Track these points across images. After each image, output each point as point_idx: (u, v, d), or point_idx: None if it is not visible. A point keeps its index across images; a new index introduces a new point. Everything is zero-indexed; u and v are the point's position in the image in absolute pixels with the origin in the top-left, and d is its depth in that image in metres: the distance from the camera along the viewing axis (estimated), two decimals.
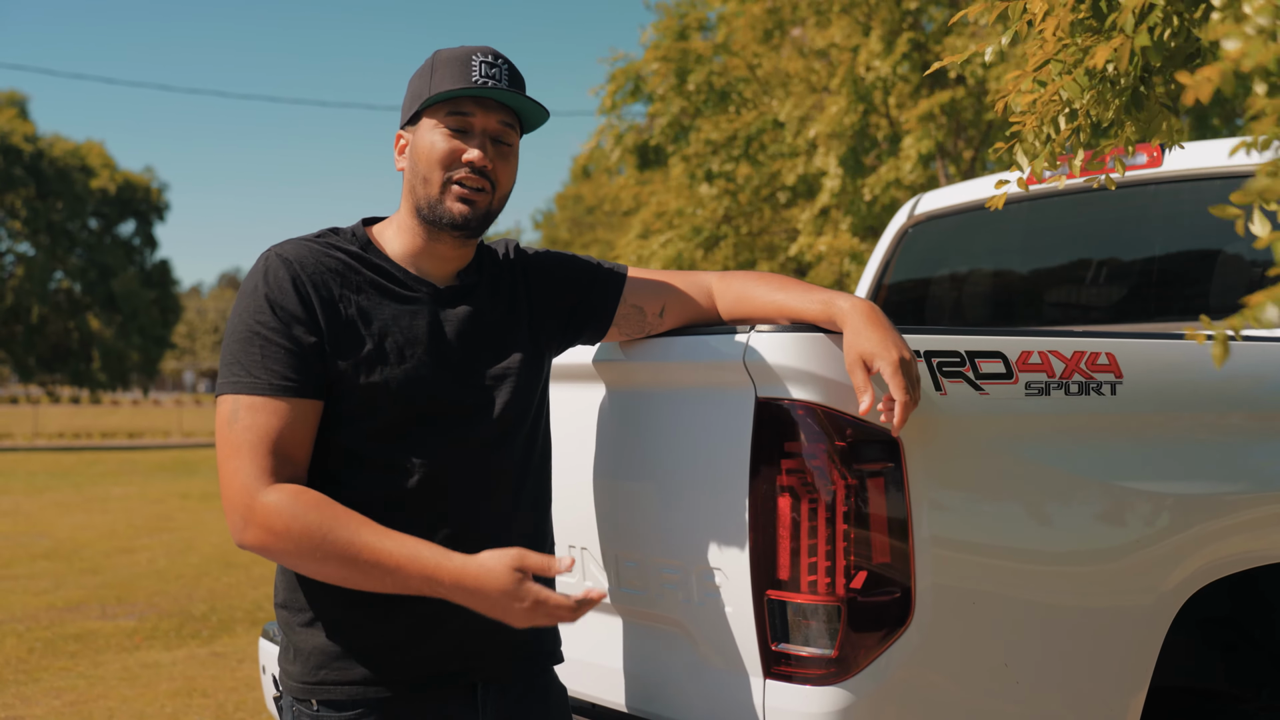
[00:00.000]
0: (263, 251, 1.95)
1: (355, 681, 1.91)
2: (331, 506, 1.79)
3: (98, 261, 39.41)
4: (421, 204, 1.97)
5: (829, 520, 1.88)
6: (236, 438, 1.82)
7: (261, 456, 1.81)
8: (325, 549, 1.76)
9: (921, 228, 4.10)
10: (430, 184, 1.95)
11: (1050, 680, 2.07)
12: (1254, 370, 2.42)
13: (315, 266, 1.92)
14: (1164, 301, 3.48)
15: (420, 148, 1.97)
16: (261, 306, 1.88)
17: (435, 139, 1.95)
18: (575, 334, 2.15)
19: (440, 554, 1.76)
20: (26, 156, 35.93)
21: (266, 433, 1.82)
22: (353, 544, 1.76)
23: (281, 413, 1.83)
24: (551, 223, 37.07)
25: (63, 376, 41.88)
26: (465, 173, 1.94)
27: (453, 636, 1.93)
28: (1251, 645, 2.55)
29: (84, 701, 5.38)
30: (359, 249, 1.98)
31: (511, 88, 1.96)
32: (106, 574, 8.98)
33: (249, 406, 1.83)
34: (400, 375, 1.91)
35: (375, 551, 1.75)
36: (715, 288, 2.16)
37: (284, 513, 1.77)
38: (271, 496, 1.79)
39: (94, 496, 15.23)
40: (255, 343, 1.86)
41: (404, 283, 1.98)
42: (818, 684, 1.89)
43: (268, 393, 1.83)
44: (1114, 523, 2.13)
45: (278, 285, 1.89)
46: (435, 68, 1.97)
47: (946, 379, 1.97)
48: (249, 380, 1.84)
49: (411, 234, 2.00)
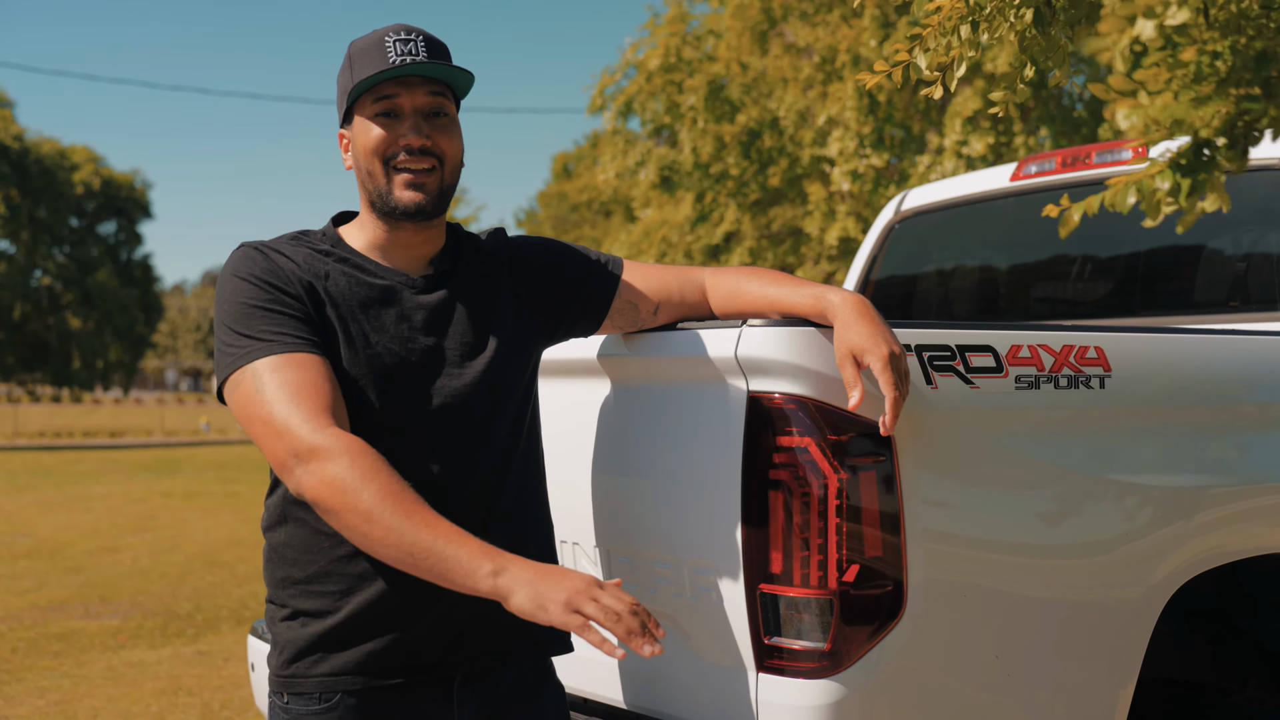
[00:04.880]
0: (234, 249, 1.94)
1: (325, 674, 1.89)
2: (392, 470, 1.73)
3: (78, 259, 39.19)
4: (374, 198, 1.95)
5: (821, 514, 1.89)
6: (272, 396, 1.75)
7: (306, 402, 1.74)
8: (388, 509, 1.69)
9: (908, 223, 4.12)
10: (375, 176, 1.93)
11: (1041, 672, 2.08)
12: (1242, 364, 2.44)
13: (288, 254, 1.92)
14: (1149, 296, 3.50)
15: (358, 143, 1.95)
16: (245, 285, 1.86)
17: (369, 129, 1.93)
18: (569, 328, 2.15)
19: (518, 563, 1.69)
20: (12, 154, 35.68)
21: (301, 384, 1.76)
22: (416, 510, 1.70)
23: (307, 364, 1.78)
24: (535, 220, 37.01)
25: (42, 375, 41.62)
26: (405, 157, 1.92)
27: (429, 629, 1.90)
28: (1237, 637, 2.57)
29: (68, 701, 5.35)
30: (330, 246, 1.97)
31: (431, 59, 1.92)
32: (90, 573, 8.93)
33: (270, 367, 1.77)
34: (371, 366, 1.88)
35: (433, 523, 1.69)
36: (708, 283, 2.16)
37: (357, 462, 1.70)
38: (337, 437, 1.71)
39: (76, 495, 15.14)
40: (255, 314, 1.82)
41: (375, 274, 1.96)
42: (811, 677, 1.90)
43: (285, 349, 1.78)
44: (1103, 516, 2.14)
45: (254, 265, 1.87)
46: (353, 59, 1.94)
47: (937, 373, 1.98)
48: (262, 345, 1.80)
49: (374, 228, 1.98)
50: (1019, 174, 3.74)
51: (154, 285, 43.20)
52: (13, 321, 37.59)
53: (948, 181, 4.05)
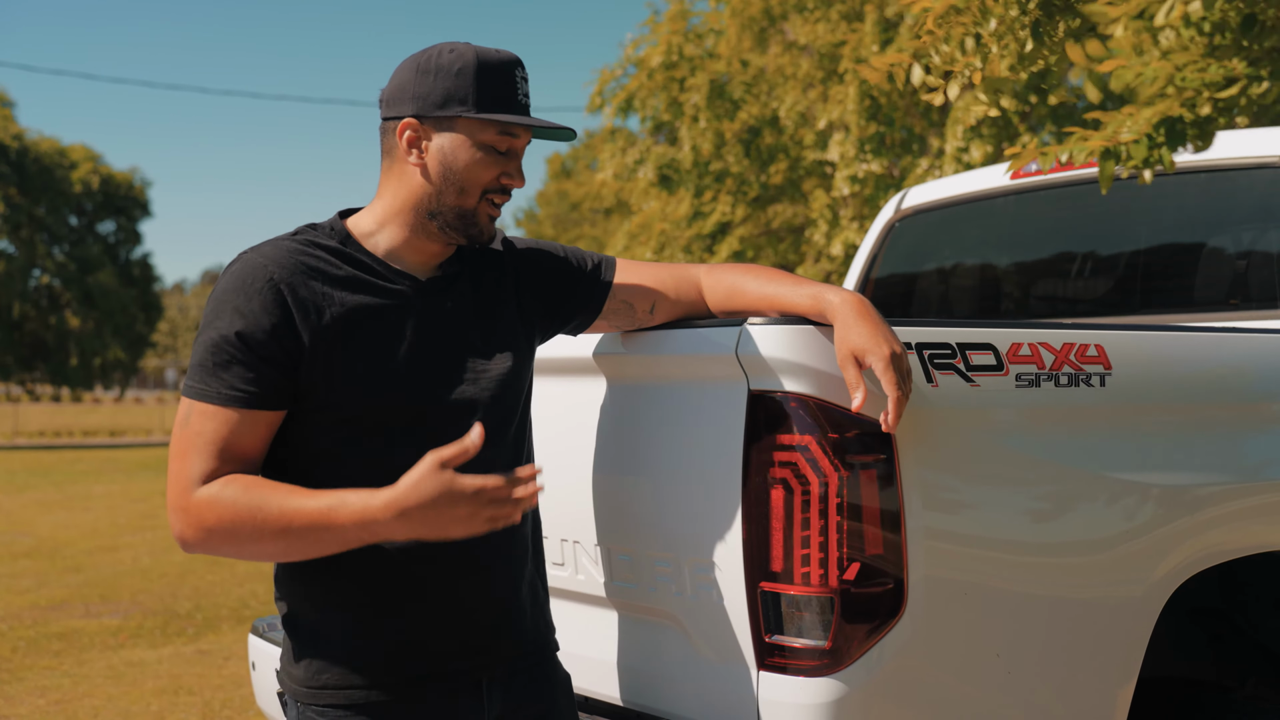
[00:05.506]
0: (239, 254, 1.90)
1: (357, 685, 1.89)
2: (259, 484, 1.77)
3: (77, 258, 39.18)
4: (447, 212, 1.94)
5: (822, 512, 1.89)
6: (185, 441, 1.82)
7: (205, 459, 1.80)
8: (258, 527, 1.74)
9: (908, 222, 4.11)
10: (466, 196, 1.94)
11: (1042, 671, 2.08)
12: (1242, 362, 2.44)
13: (293, 267, 1.87)
14: (1149, 294, 3.51)
15: (459, 159, 1.93)
16: (228, 314, 1.83)
17: (478, 155, 1.93)
18: (561, 325, 2.15)
19: (366, 493, 1.72)
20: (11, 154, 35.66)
21: (214, 438, 1.80)
22: (284, 513, 1.73)
23: (232, 422, 1.81)
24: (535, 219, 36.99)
25: (42, 374, 41.61)
26: (501, 195, 1.97)
27: (456, 635, 1.92)
28: (1238, 635, 2.57)
29: (69, 700, 5.35)
30: (338, 244, 1.94)
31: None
32: (90, 572, 8.93)
33: (200, 412, 1.82)
34: (386, 373, 1.88)
35: (307, 514, 1.72)
36: (705, 282, 2.15)
37: (216, 503, 1.76)
38: (203, 492, 1.78)
39: (76, 495, 15.14)
40: (220, 350, 1.83)
41: (385, 277, 1.94)
42: (811, 675, 1.90)
43: (219, 402, 1.82)
44: (1103, 514, 2.14)
45: (247, 292, 1.84)
46: (479, 74, 1.91)
47: (938, 371, 1.98)
48: (201, 388, 1.83)
49: (402, 227, 1.96)
50: (1018, 172, 3.74)
51: (153, 284, 43.16)
52: (12, 321, 37.57)
53: (947, 180, 4.05)
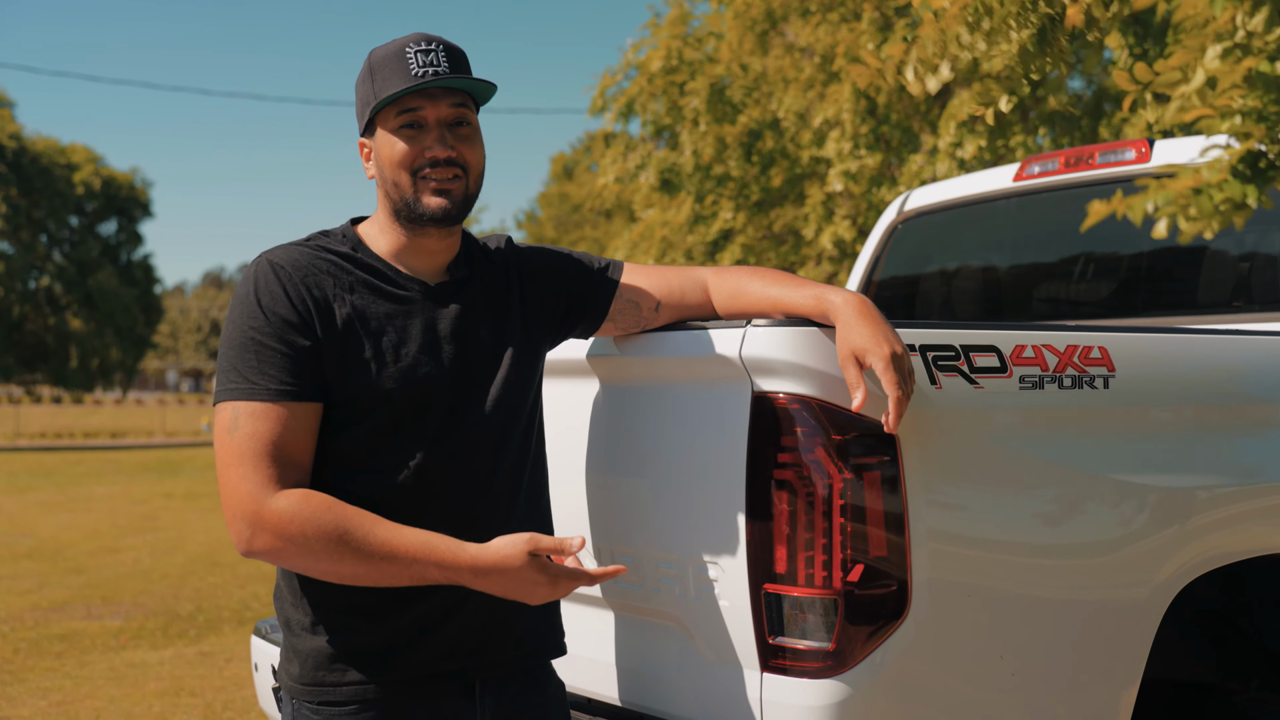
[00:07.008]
0: (255, 258, 1.95)
1: (353, 683, 1.91)
2: (342, 507, 1.80)
3: (78, 259, 39.17)
4: (399, 206, 1.96)
5: (825, 514, 1.89)
6: (238, 445, 1.81)
7: (265, 464, 1.80)
8: (341, 549, 1.77)
9: (911, 223, 4.11)
10: (402, 187, 1.95)
11: (1045, 673, 2.08)
12: (1245, 364, 2.44)
13: (308, 269, 1.92)
14: (1152, 297, 3.50)
15: (383, 154, 1.96)
16: (255, 312, 1.87)
17: (394, 142, 1.95)
18: (569, 329, 2.16)
19: (455, 543, 1.81)
20: (9, 154, 35.66)
21: (269, 439, 1.81)
22: (368, 541, 1.78)
23: (282, 418, 1.82)
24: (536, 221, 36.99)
25: (42, 376, 41.60)
26: (430, 169, 1.94)
27: (451, 638, 1.93)
28: (1242, 638, 2.57)
29: (70, 702, 5.35)
30: (350, 249, 1.98)
31: (452, 69, 1.94)
32: (91, 574, 8.93)
33: (249, 413, 1.82)
34: (396, 376, 1.90)
35: (391, 546, 1.78)
36: (710, 283, 2.16)
37: (298, 517, 1.77)
38: (281, 503, 1.78)
39: (77, 496, 15.14)
40: (251, 348, 1.85)
41: (396, 281, 1.97)
42: (815, 677, 1.90)
43: (267, 398, 1.82)
44: (1107, 516, 2.14)
45: (269, 291, 1.88)
46: (374, 70, 1.95)
47: (941, 373, 1.98)
48: (247, 386, 1.83)
49: (395, 233, 2.00)
50: (1022, 174, 3.74)
51: (154, 286, 43.12)
52: (12, 322, 37.56)
53: (950, 182, 4.05)
